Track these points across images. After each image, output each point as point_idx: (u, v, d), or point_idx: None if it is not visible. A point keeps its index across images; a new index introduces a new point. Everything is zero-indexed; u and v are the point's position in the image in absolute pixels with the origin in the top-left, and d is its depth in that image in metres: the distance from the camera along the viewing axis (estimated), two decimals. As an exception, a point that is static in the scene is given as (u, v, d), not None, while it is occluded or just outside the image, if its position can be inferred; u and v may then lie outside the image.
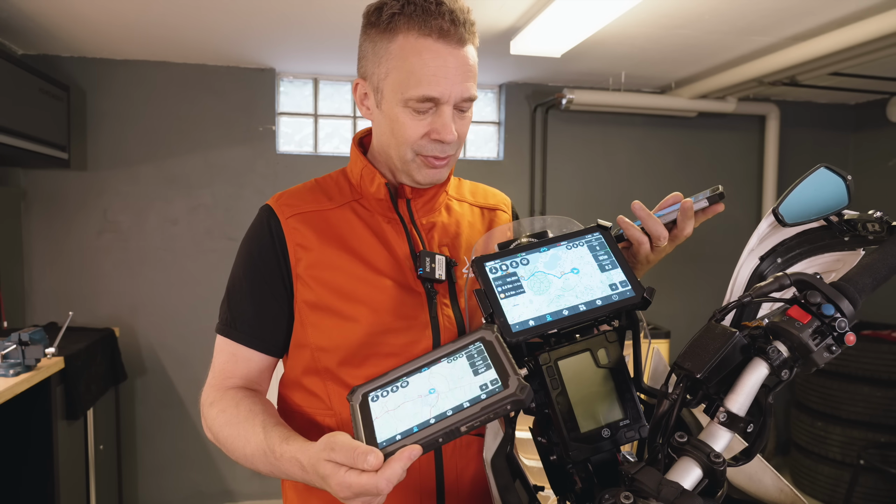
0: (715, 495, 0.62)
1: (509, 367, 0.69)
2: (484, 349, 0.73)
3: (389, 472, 0.66)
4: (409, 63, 0.91)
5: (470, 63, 0.93)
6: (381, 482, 0.66)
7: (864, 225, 0.77)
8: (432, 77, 0.90)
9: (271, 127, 3.41)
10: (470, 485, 1.03)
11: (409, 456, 0.67)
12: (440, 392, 0.72)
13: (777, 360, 0.63)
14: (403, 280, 1.00)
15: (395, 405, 0.74)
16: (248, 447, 0.89)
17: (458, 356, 0.75)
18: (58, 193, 3.19)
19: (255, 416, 0.91)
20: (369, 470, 0.67)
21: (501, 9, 2.42)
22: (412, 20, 0.90)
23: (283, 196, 1.05)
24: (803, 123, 4.05)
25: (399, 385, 0.76)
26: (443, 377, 0.74)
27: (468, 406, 0.68)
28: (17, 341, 2.23)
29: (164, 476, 3.36)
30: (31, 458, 2.39)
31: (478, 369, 0.72)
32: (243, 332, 1.00)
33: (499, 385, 0.68)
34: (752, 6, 2.37)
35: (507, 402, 0.66)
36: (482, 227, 1.12)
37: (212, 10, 2.49)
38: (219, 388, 1.00)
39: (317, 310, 0.98)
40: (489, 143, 3.82)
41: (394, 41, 0.92)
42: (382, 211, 1.03)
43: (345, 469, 0.69)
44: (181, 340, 3.32)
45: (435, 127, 0.93)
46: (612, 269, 0.82)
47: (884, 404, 3.24)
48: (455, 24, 0.90)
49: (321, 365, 0.99)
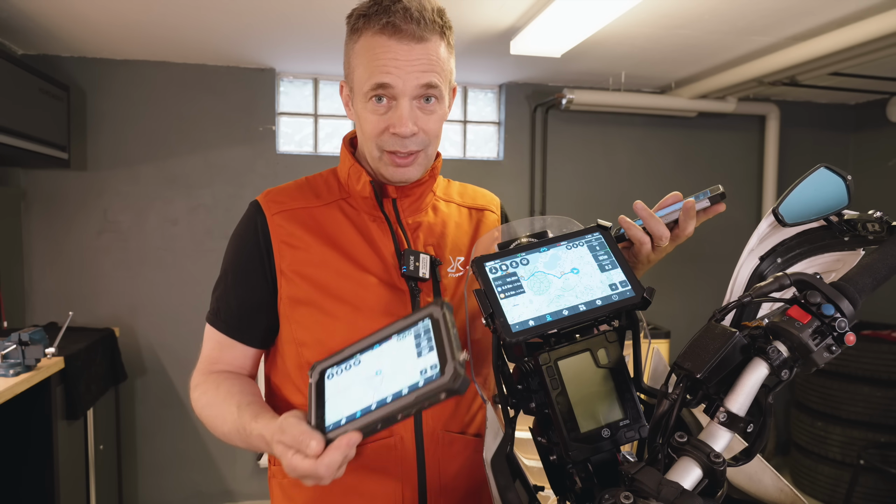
0: (715, 495, 0.62)
1: (449, 352, 0.66)
2: (430, 328, 0.70)
3: (328, 459, 0.69)
4: (365, 59, 0.95)
5: (430, 57, 0.95)
6: (320, 468, 0.69)
7: (864, 225, 0.77)
8: (383, 66, 0.93)
9: (271, 127, 3.41)
10: (452, 482, 1.03)
11: (347, 443, 0.69)
12: (385, 374, 0.71)
13: (777, 360, 0.63)
14: (388, 278, 1.02)
15: (346, 386, 0.74)
16: (224, 426, 0.94)
17: (407, 334, 0.72)
18: (58, 193, 3.19)
19: (231, 397, 0.96)
20: (311, 455, 0.70)
21: (501, 9, 2.42)
22: (370, 20, 0.94)
23: (271, 193, 1.07)
24: (803, 123, 4.05)
25: (352, 363, 0.76)
26: (389, 357, 0.72)
27: (406, 393, 0.66)
28: (17, 341, 2.23)
29: (164, 476, 3.36)
30: (31, 458, 2.39)
31: (421, 350, 0.69)
32: (227, 323, 1.04)
33: (437, 371, 0.65)
34: (752, 6, 2.37)
35: (440, 391, 0.64)
36: (469, 227, 1.13)
37: (212, 10, 2.49)
38: (205, 372, 1.05)
39: (300, 305, 1.01)
40: (489, 143, 3.82)
41: (358, 41, 0.97)
42: (368, 209, 1.05)
43: (292, 451, 0.72)
44: (181, 340, 3.32)
45: (392, 121, 0.96)
46: (611, 269, 0.82)
47: (884, 404, 3.24)
48: (410, 21, 0.92)
49: (304, 360, 1.01)
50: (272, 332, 1.05)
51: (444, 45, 0.97)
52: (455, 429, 1.05)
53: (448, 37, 0.98)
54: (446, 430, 1.03)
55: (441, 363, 0.66)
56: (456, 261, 1.08)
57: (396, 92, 0.94)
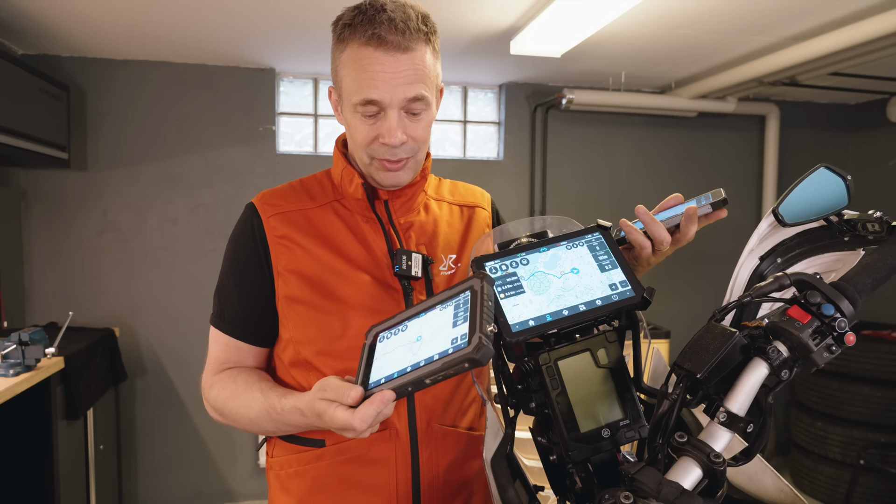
0: (715, 495, 0.62)
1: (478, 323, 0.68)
2: (469, 300, 0.72)
3: (363, 413, 0.72)
4: (353, 70, 0.96)
5: (416, 67, 0.96)
6: (355, 420, 0.73)
7: (864, 225, 0.76)
8: (370, 81, 0.94)
9: (271, 127, 3.41)
10: (445, 475, 1.06)
11: (381, 400, 0.71)
12: (423, 341, 0.73)
13: (777, 360, 0.63)
14: (381, 276, 1.04)
15: (392, 349, 0.77)
16: (251, 412, 0.98)
17: (449, 304, 0.75)
18: (58, 193, 3.19)
19: (251, 385, 1.00)
20: (352, 405, 0.74)
21: (501, 9, 2.42)
22: (356, 30, 0.95)
23: (266, 195, 1.09)
24: (803, 123, 4.05)
25: (400, 329, 0.78)
26: (430, 325, 0.75)
27: (436, 359, 0.69)
28: (17, 341, 2.23)
29: (164, 476, 3.36)
30: (32, 458, 2.39)
31: (457, 321, 0.71)
32: (232, 324, 1.07)
33: (465, 341, 0.68)
34: (752, 6, 2.37)
35: (464, 360, 0.66)
36: (460, 225, 1.15)
37: (212, 11, 2.49)
38: (215, 373, 1.07)
39: (296, 304, 1.03)
40: (489, 143, 3.82)
41: (345, 51, 0.97)
42: (361, 210, 1.07)
43: (335, 405, 0.76)
44: (181, 340, 3.32)
45: (381, 132, 0.97)
46: (611, 269, 0.82)
47: (884, 404, 3.24)
48: (395, 32, 0.93)
49: (301, 357, 1.04)
50: (275, 330, 1.07)
51: (429, 51, 0.98)
52: (448, 422, 1.08)
53: (434, 42, 0.99)
54: (440, 423, 1.06)
55: (470, 333, 0.68)
56: (448, 259, 1.10)
57: (384, 105, 0.96)
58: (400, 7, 0.95)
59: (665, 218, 0.91)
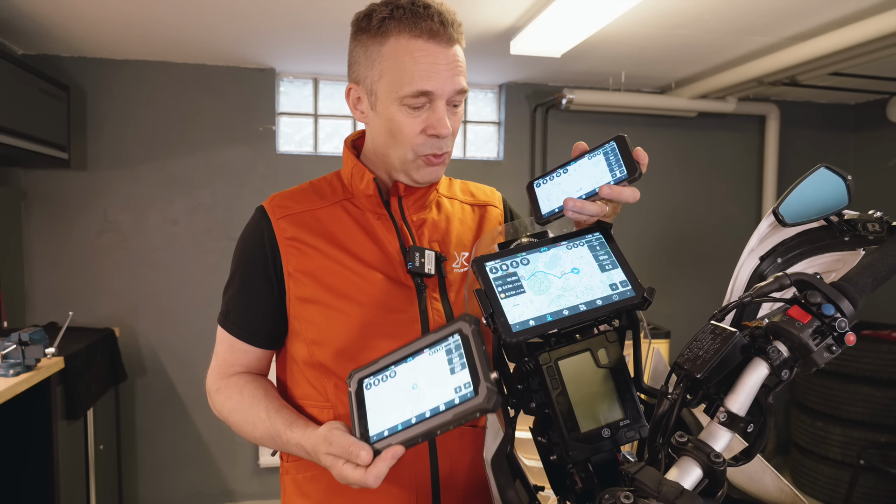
0: (715, 495, 0.62)
1: (481, 372, 0.69)
2: (461, 344, 0.73)
3: (377, 470, 0.74)
4: (401, 62, 0.95)
5: (459, 60, 0.98)
6: (369, 479, 0.75)
7: (865, 225, 0.77)
8: (424, 73, 0.94)
9: (271, 127, 3.41)
10: (465, 474, 1.05)
11: (392, 456, 0.73)
12: (421, 388, 0.74)
13: (777, 360, 0.63)
14: (394, 274, 1.03)
15: (385, 397, 0.77)
16: (256, 432, 1.00)
17: (438, 348, 0.75)
18: (58, 193, 3.19)
19: (257, 402, 1.01)
20: (362, 465, 0.75)
21: (501, 9, 2.42)
22: (402, 23, 0.95)
23: (276, 198, 1.09)
24: (803, 123, 4.05)
25: (388, 375, 0.78)
26: (424, 372, 0.75)
27: (443, 410, 0.70)
28: (17, 341, 2.23)
29: (164, 476, 3.36)
30: (32, 458, 2.39)
31: (454, 367, 0.72)
32: (237, 325, 1.07)
33: (471, 390, 0.69)
34: (752, 6, 2.37)
35: (475, 410, 0.68)
36: (473, 223, 1.15)
37: (212, 11, 2.49)
38: (222, 375, 1.08)
39: (309, 304, 1.02)
40: (489, 143, 3.82)
41: (385, 44, 0.96)
42: (372, 208, 1.07)
43: (342, 462, 0.78)
44: (181, 340, 3.32)
45: (430, 122, 0.97)
46: (612, 268, 0.82)
47: (884, 404, 3.24)
48: (444, 25, 0.95)
49: (316, 359, 1.03)
50: (281, 333, 1.08)
51: (462, 47, 1.01)
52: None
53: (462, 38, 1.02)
54: None
55: (474, 383, 0.69)
56: (461, 256, 1.09)
57: (435, 96, 0.96)
58: (437, 2, 0.98)
59: (586, 196, 0.85)
